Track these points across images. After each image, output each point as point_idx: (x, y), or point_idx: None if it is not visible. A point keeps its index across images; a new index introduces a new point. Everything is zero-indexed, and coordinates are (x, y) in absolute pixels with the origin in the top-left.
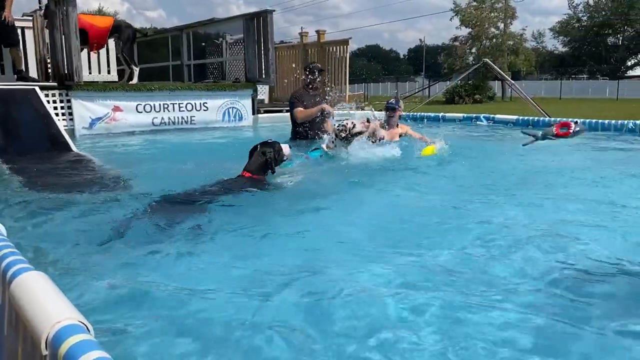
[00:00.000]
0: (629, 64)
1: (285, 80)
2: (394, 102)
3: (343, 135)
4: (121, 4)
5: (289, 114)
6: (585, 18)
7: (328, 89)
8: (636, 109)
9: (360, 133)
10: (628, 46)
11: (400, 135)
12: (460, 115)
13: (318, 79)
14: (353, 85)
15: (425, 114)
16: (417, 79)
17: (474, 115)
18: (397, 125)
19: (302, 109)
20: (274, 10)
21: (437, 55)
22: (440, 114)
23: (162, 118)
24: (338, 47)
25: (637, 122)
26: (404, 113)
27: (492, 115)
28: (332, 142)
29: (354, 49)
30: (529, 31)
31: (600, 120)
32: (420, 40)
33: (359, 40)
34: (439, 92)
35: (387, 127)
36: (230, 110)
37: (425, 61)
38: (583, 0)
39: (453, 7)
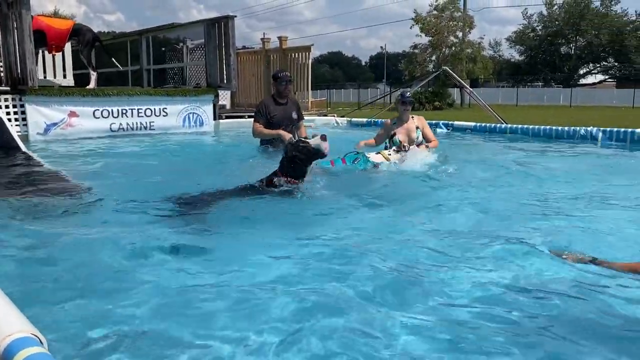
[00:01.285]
0: (581, 72)
1: (248, 86)
2: (409, 94)
3: (404, 147)
4: (78, 7)
5: (250, 120)
6: (539, 28)
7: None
8: (588, 115)
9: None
10: (580, 55)
11: (417, 128)
12: None
13: (287, 89)
14: (315, 92)
15: (387, 120)
16: (379, 85)
17: (434, 121)
18: (412, 117)
19: (259, 125)
20: (236, 16)
21: (398, 63)
22: None
23: (120, 124)
24: (300, 54)
25: (589, 128)
26: (369, 119)
27: (451, 122)
28: (388, 152)
29: (316, 55)
30: (486, 40)
31: (554, 127)
32: (382, 47)
33: (322, 47)
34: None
35: (397, 121)
36: (191, 115)
37: (386, 68)
38: (537, 11)
39: (413, 15)
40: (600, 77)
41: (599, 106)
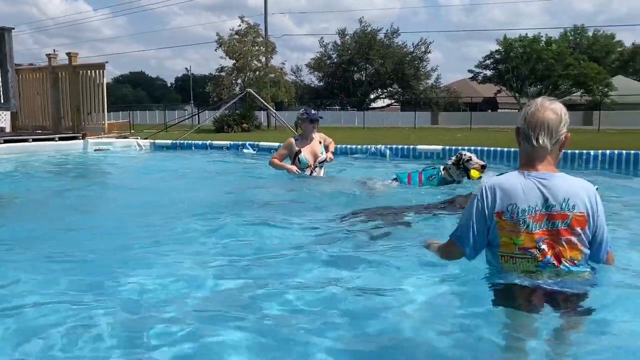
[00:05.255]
0: (372, 97)
1: (32, 106)
2: (315, 112)
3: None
4: None
5: (35, 143)
6: (334, 56)
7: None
8: (379, 135)
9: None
10: (370, 82)
11: (320, 143)
12: (227, 143)
13: None
14: (117, 113)
15: (193, 142)
16: (187, 107)
17: (240, 142)
18: (314, 134)
19: None
20: (13, 28)
21: (205, 85)
22: (208, 142)
23: None
24: (93, 72)
25: (379, 146)
26: (174, 140)
27: (256, 143)
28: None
29: (116, 74)
30: (288, 65)
31: (350, 146)
32: (187, 69)
33: (123, 67)
34: (207, 121)
35: (300, 139)
36: None
37: (193, 90)
38: (332, 40)
39: (217, 38)
40: (387, 101)
41: (388, 127)
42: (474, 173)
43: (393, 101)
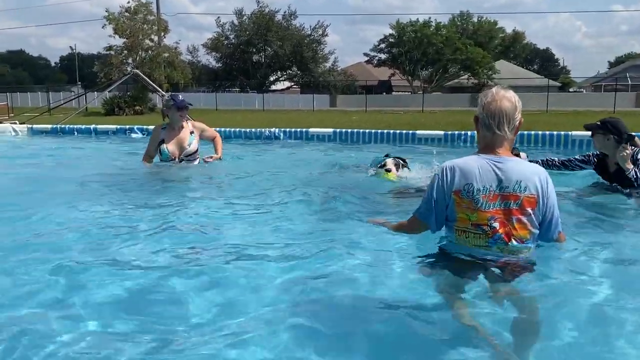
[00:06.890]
0: (271, 79)
1: None
2: (182, 98)
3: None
4: None
5: None
6: (232, 37)
7: None
8: (278, 118)
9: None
10: (269, 64)
11: (191, 133)
12: (114, 127)
13: None
14: None
15: (76, 126)
16: (73, 88)
17: (128, 127)
18: (187, 122)
19: None
20: None
21: (94, 64)
22: (92, 126)
23: None
24: None
25: (272, 129)
26: (54, 125)
27: (145, 127)
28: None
29: None
30: (184, 45)
31: (244, 129)
32: (71, 47)
33: None
34: (96, 103)
35: (167, 128)
36: None
37: (80, 70)
38: (229, 20)
39: (106, 15)
40: (287, 83)
41: (288, 110)
42: (388, 175)
43: (293, 84)
